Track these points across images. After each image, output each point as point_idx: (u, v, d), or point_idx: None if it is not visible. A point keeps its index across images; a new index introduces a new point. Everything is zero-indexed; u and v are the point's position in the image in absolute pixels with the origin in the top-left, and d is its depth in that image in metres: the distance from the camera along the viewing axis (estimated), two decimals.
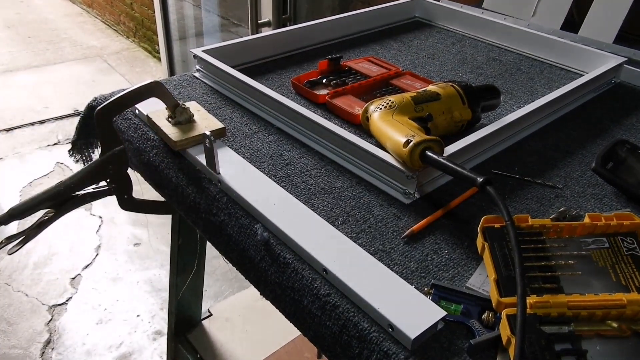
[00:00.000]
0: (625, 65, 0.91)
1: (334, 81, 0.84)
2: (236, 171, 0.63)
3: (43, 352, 1.50)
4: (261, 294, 0.59)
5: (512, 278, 0.45)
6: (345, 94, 0.80)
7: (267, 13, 1.81)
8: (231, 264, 0.63)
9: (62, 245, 1.88)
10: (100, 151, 0.68)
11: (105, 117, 0.66)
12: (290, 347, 1.21)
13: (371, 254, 0.52)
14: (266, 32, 0.96)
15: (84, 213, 2.02)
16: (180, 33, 2.73)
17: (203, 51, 0.85)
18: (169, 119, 0.70)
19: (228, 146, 0.69)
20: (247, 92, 0.79)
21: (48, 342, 1.53)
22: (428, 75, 0.92)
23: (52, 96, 2.87)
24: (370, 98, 0.75)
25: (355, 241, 0.54)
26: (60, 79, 3.08)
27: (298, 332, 0.73)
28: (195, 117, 0.71)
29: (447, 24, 1.14)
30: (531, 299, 0.44)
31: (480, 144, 0.67)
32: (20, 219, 0.65)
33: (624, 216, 0.51)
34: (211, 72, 0.85)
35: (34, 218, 0.67)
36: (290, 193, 0.61)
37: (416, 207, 0.60)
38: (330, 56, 0.87)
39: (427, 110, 0.67)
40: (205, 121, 0.71)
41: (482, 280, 0.50)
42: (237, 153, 0.68)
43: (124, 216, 2.01)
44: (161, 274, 1.77)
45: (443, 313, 0.46)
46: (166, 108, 0.70)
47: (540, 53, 1.00)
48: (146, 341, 1.55)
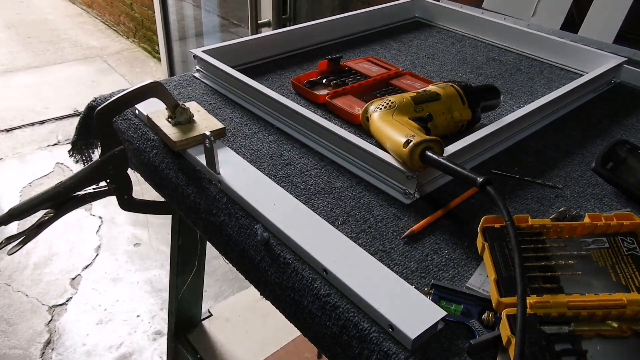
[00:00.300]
0: (625, 65, 0.91)
1: (334, 81, 0.84)
2: (236, 171, 0.63)
3: (43, 353, 1.50)
4: (261, 294, 0.59)
5: (512, 278, 0.45)
6: (345, 94, 0.80)
7: (267, 13, 1.81)
8: (231, 264, 0.63)
9: (62, 245, 1.88)
10: (100, 151, 0.68)
11: (105, 118, 0.66)
12: (290, 347, 1.21)
13: (371, 254, 0.52)
14: (266, 33, 0.96)
15: (84, 213, 2.02)
16: (180, 33, 2.73)
17: (203, 51, 0.85)
18: (169, 119, 0.70)
19: (228, 146, 0.69)
20: (247, 93, 0.79)
21: (48, 343, 1.53)
22: (428, 75, 0.92)
23: (52, 96, 2.87)
24: (370, 98, 0.75)
25: (355, 241, 0.54)
26: (60, 80, 3.08)
27: (298, 332, 0.73)
28: (195, 118, 0.71)
29: (447, 24, 1.15)
30: (531, 299, 0.44)
31: (480, 144, 0.67)
32: (20, 219, 0.65)
33: (624, 216, 0.51)
34: (211, 73, 0.85)
35: (34, 218, 0.67)
36: (290, 193, 0.61)
37: (416, 207, 0.60)
38: (330, 56, 0.87)
39: (427, 110, 0.67)
40: (205, 121, 0.71)
41: (482, 280, 0.50)
42: (237, 153, 0.68)
43: (124, 216, 2.01)
44: (161, 274, 1.77)
45: (443, 313, 0.46)
46: (166, 108, 0.70)
47: (540, 53, 1.00)
48: (146, 341, 1.55)
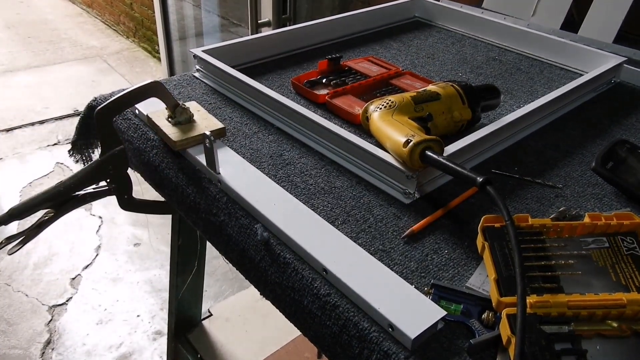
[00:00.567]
0: (625, 65, 0.91)
1: (334, 81, 0.84)
2: (236, 171, 0.63)
3: (43, 353, 1.50)
4: (261, 294, 0.59)
5: (512, 278, 0.45)
6: (345, 94, 0.80)
7: (267, 13, 1.81)
8: (231, 264, 0.63)
9: (62, 245, 1.88)
10: (100, 151, 0.68)
11: (105, 117, 0.66)
12: (290, 347, 1.21)
13: (371, 254, 0.52)
14: (266, 32, 0.96)
15: (84, 213, 2.02)
16: (180, 33, 2.73)
17: (203, 51, 0.85)
18: (169, 119, 0.70)
19: (228, 146, 0.69)
20: (247, 92, 0.79)
21: (48, 343, 1.53)
22: (428, 75, 0.92)
23: (52, 96, 2.87)
24: (370, 98, 0.75)
25: (355, 241, 0.54)
26: (60, 79, 3.08)
27: (298, 332, 0.73)
28: (195, 117, 0.71)
29: (447, 24, 1.15)
30: (531, 299, 0.44)
31: (480, 144, 0.67)
32: (20, 219, 0.65)
33: (624, 216, 0.51)
34: (211, 72, 0.85)
35: (34, 218, 0.67)
36: (290, 193, 0.61)
37: (416, 207, 0.60)
38: (330, 56, 0.87)
39: (427, 110, 0.67)
40: (205, 121, 0.71)
41: (482, 280, 0.50)
42: (237, 153, 0.68)
43: (124, 216, 2.01)
44: (161, 274, 1.77)
45: (443, 313, 0.46)
46: (166, 108, 0.70)
47: (540, 53, 1.00)
48: (146, 341, 1.55)
